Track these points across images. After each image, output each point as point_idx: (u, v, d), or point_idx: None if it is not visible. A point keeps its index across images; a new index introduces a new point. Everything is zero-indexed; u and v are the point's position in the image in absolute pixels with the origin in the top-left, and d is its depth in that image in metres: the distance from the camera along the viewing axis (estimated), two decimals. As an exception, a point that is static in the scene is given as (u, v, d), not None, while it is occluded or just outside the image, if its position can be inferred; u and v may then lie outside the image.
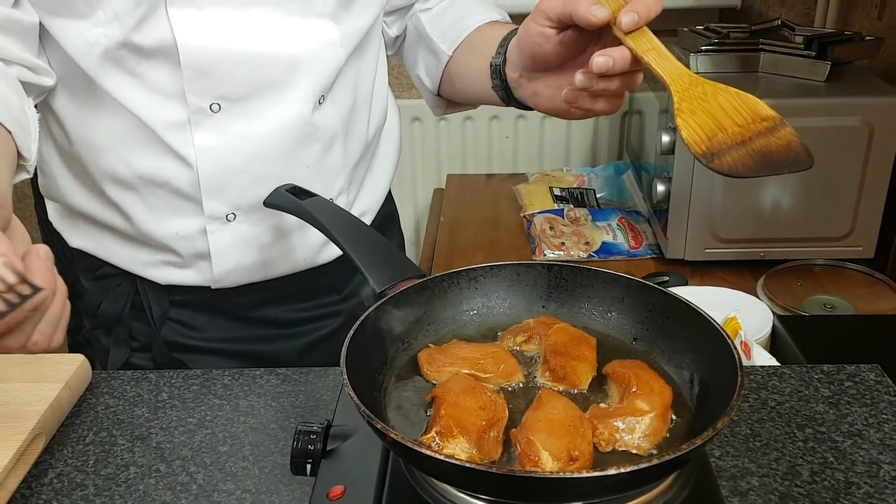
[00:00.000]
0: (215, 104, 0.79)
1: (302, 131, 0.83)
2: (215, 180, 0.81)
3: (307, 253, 0.90)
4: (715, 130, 0.61)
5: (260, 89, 0.79)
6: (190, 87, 0.77)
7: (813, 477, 0.66)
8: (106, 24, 0.74)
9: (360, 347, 0.60)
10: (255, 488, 0.67)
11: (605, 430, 0.55)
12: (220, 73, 0.77)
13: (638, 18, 0.64)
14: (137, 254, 0.87)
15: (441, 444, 0.55)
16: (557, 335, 0.65)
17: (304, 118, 0.82)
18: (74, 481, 0.69)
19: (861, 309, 1.17)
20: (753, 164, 0.59)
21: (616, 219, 1.50)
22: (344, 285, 0.97)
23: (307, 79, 0.81)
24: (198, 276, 0.87)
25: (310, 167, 0.85)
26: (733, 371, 0.55)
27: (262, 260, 0.87)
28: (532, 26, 0.72)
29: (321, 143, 0.85)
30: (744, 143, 0.60)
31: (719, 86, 0.64)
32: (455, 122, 1.90)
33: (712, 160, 0.60)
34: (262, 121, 0.81)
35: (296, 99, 0.81)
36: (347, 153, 0.89)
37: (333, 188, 0.89)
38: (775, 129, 0.61)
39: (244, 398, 0.79)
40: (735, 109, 0.62)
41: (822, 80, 1.28)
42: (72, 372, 0.78)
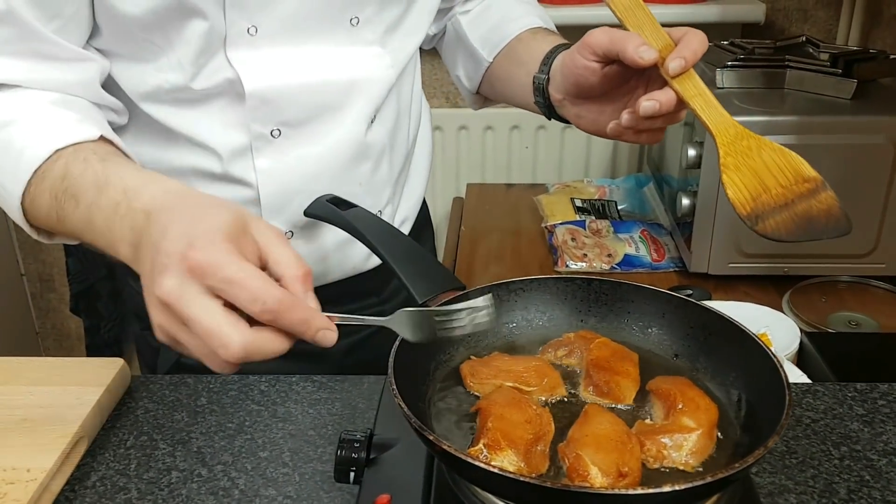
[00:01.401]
0: (276, 130, 0.80)
1: (356, 151, 0.85)
2: (275, 201, 0.83)
3: (357, 261, 0.92)
4: (759, 191, 0.62)
5: (318, 114, 0.81)
6: (252, 116, 0.79)
7: (850, 495, 0.67)
8: (168, 70, 0.76)
9: (404, 358, 0.61)
10: (297, 494, 0.68)
11: (653, 446, 0.56)
12: (281, 102, 0.79)
13: (685, 64, 0.66)
14: None
15: (489, 457, 0.56)
16: (599, 350, 0.65)
17: (359, 138, 0.84)
18: (117, 485, 0.70)
19: (885, 326, 1.17)
20: (795, 228, 0.61)
21: (638, 231, 1.51)
22: (383, 288, 0.98)
23: (362, 101, 0.83)
24: None
25: (362, 184, 0.87)
26: (780, 389, 0.55)
27: (316, 272, 0.89)
28: (577, 58, 0.73)
29: (372, 161, 0.87)
30: (786, 205, 0.61)
31: (764, 140, 0.64)
32: (475, 132, 1.91)
33: (756, 223, 0.61)
34: (320, 143, 0.83)
35: (351, 120, 0.83)
36: (392, 166, 0.91)
37: (381, 201, 0.90)
38: (817, 191, 0.62)
39: (281, 404, 0.79)
40: (779, 168, 0.63)
41: (847, 98, 1.29)
42: (112, 375, 0.78)
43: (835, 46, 1.43)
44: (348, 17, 0.80)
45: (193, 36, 0.74)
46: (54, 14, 0.71)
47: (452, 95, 1.91)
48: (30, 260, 2.16)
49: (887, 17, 1.55)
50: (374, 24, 0.82)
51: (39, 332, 2.25)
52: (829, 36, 1.74)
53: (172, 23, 0.73)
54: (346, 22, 0.80)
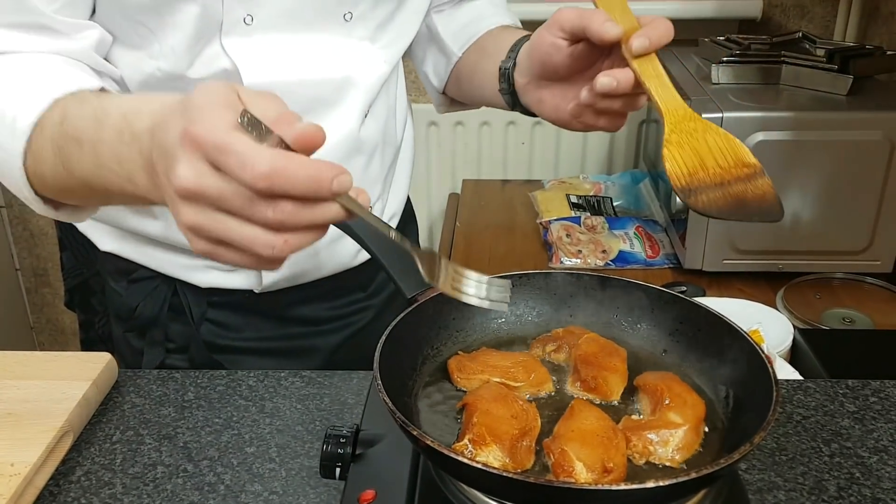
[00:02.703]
0: None
1: (350, 146, 0.84)
2: None
3: (346, 257, 0.91)
4: (697, 168, 0.63)
5: (314, 108, 0.81)
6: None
7: (840, 492, 0.66)
8: (161, 57, 0.75)
9: (391, 353, 0.61)
10: (283, 490, 0.68)
11: (639, 442, 0.55)
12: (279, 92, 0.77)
13: (648, 44, 0.66)
14: (178, 258, 0.87)
15: (474, 452, 0.55)
16: (587, 345, 0.65)
17: (353, 133, 0.84)
18: (102, 479, 0.69)
19: (879, 323, 1.17)
20: (726, 207, 0.62)
21: (633, 227, 1.50)
22: (370, 283, 0.98)
23: (356, 96, 0.83)
24: (244, 281, 0.88)
25: (354, 179, 0.85)
26: (767, 385, 0.55)
27: (304, 269, 0.89)
28: (545, 35, 0.73)
29: (365, 156, 0.87)
30: (722, 185, 0.63)
31: (711, 125, 0.66)
32: (471, 127, 1.90)
33: (689, 196, 0.63)
34: None
35: (346, 116, 0.83)
36: (384, 161, 0.91)
37: (372, 197, 0.90)
38: (754, 177, 0.63)
39: (269, 400, 0.79)
40: (721, 151, 0.64)
41: (843, 94, 1.28)
42: (99, 370, 0.78)
43: (831, 42, 1.42)
44: (342, 12, 0.80)
45: (188, 20, 0.73)
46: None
47: (448, 91, 1.90)
48: (24, 254, 2.16)
49: (885, 14, 1.54)
50: (366, 20, 0.82)
51: (34, 327, 2.25)
52: (827, 32, 1.73)
53: (168, 6, 0.72)
54: (339, 16, 0.80)
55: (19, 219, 2.08)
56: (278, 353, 0.93)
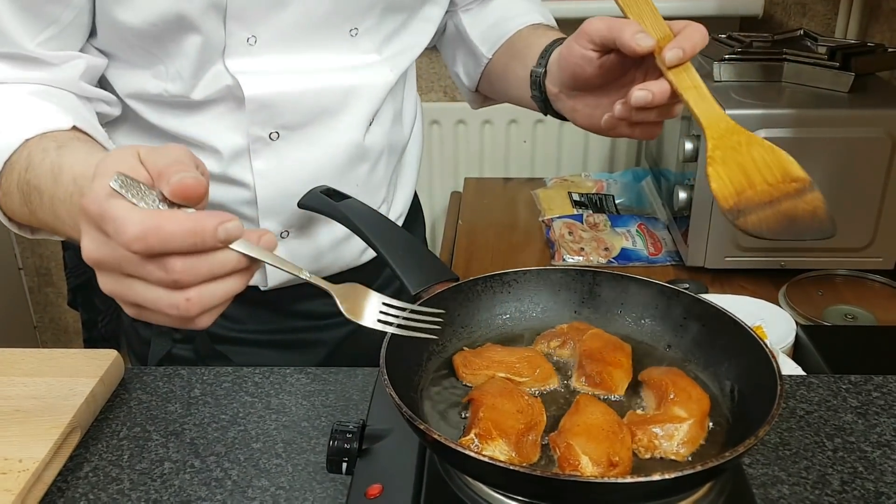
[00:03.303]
0: (274, 133, 0.80)
1: (354, 154, 0.85)
2: (272, 202, 0.83)
3: (350, 258, 0.92)
4: (744, 186, 0.60)
5: (317, 118, 0.81)
6: (251, 119, 0.79)
7: (843, 487, 0.67)
8: (167, 80, 0.76)
9: (397, 349, 0.61)
10: (290, 485, 0.68)
11: (644, 436, 0.55)
12: (280, 106, 0.79)
13: (682, 55, 0.64)
14: None
15: (480, 446, 0.55)
16: (592, 341, 0.65)
17: (357, 141, 0.84)
18: (110, 475, 0.70)
19: (881, 319, 1.17)
20: (778, 226, 0.59)
21: (635, 225, 1.51)
22: (375, 279, 0.98)
23: (360, 105, 0.83)
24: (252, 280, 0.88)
25: (359, 185, 0.87)
26: (771, 379, 0.55)
27: (312, 269, 0.89)
28: (574, 47, 0.72)
29: (370, 163, 0.87)
30: (771, 203, 0.60)
31: (754, 137, 0.63)
32: (473, 126, 1.90)
33: (738, 217, 0.60)
34: (318, 146, 0.82)
35: (349, 124, 0.83)
36: (389, 166, 0.91)
37: (377, 200, 0.90)
38: (804, 192, 0.61)
39: (275, 396, 0.79)
40: (767, 166, 0.62)
41: (845, 91, 1.28)
42: (106, 367, 0.78)
43: (833, 40, 1.43)
44: (348, 28, 0.80)
45: (192, 49, 0.74)
46: (50, 22, 0.71)
47: (450, 89, 1.91)
48: (27, 254, 2.16)
49: (886, 11, 1.55)
50: (372, 34, 0.82)
51: (37, 326, 2.25)
52: (828, 29, 1.73)
53: (171, 35, 0.73)
54: (345, 33, 0.80)
55: (22, 218, 2.09)
56: (282, 346, 0.94)
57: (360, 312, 0.60)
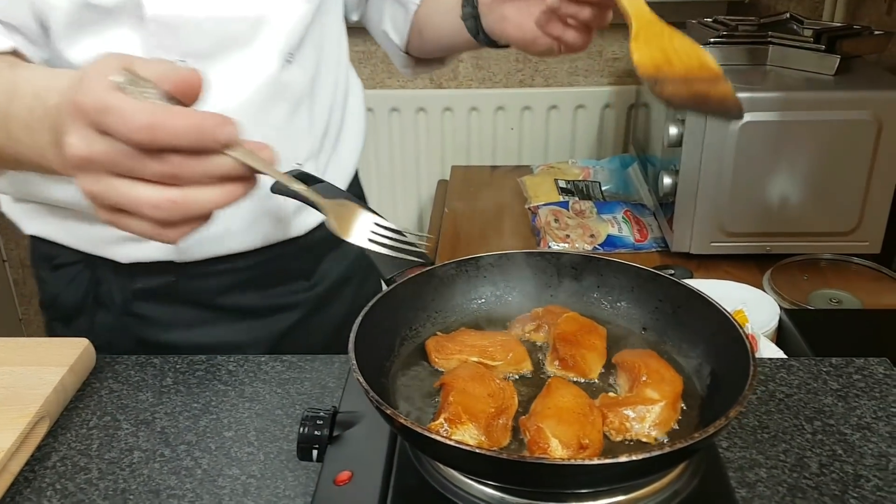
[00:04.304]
0: (181, 61, 0.77)
1: (268, 91, 0.81)
2: None
3: (278, 221, 0.88)
4: (664, 62, 0.64)
5: (225, 46, 0.78)
6: (156, 42, 0.75)
7: (821, 469, 0.66)
8: None
9: (368, 334, 0.60)
10: (261, 473, 0.67)
11: (616, 418, 0.55)
12: (184, 28, 0.76)
13: None
14: (97, 230, 0.84)
15: (450, 431, 0.55)
16: (567, 324, 0.64)
17: (271, 76, 0.81)
18: (78, 465, 0.68)
19: (867, 303, 1.17)
20: (690, 100, 0.64)
21: (621, 212, 1.50)
22: (313, 270, 0.95)
23: (273, 36, 0.80)
24: (161, 250, 0.84)
25: (277, 128, 0.84)
26: (745, 361, 0.54)
27: (229, 228, 0.85)
28: None
29: (288, 105, 0.84)
30: (686, 80, 0.64)
31: (677, 32, 0.67)
32: (460, 114, 1.89)
33: (655, 85, 0.64)
34: (229, 78, 0.79)
35: (263, 56, 0.80)
36: (313, 117, 0.88)
37: (300, 153, 0.87)
38: (717, 81, 0.64)
39: (249, 384, 0.78)
40: (686, 54, 0.65)
41: (831, 74, 1.27)
42: (76, 356, 0.77)
43: (819, 23, 1.41)
44: None
45: None
46: None
47: (436, 76, 1.89)
48: (11, 245, 2.14)
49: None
50: None
51: (22, 319, 2.24)
52: (816, 13, 1.72)
53: None
54: None
55: (6, 210, 2.07)
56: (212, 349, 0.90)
57: (349, 230, 0.58)
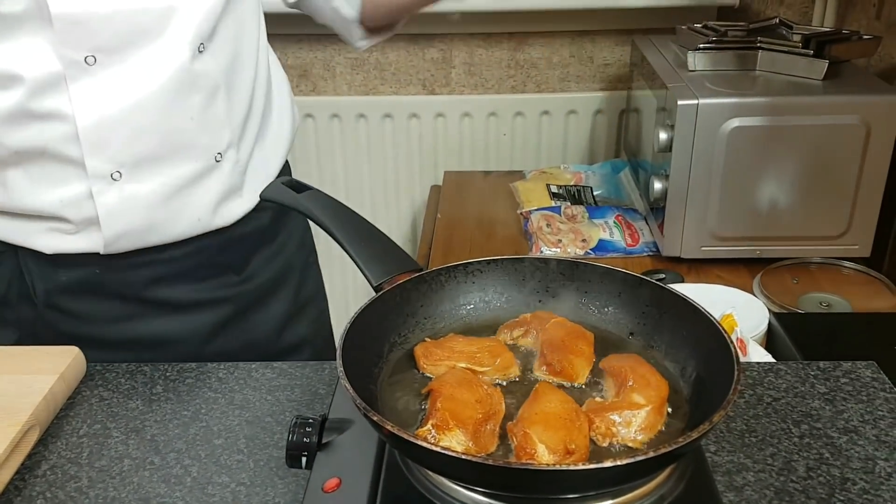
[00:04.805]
0: (90, 57, 0.77)
1: (182, 80, 0.81)
2: (96, 134, 0.79)
3: (201, 212, 0.87)
4: None
5: (135, 39, 0.78)
6: (63, 40, 0.75)
7: (809, 473, 0.66)
8: None
9: (356, 340, 0.60)
10: (250, 481, 0.67)
11: (602, 423, 0.55)
12: (91, 25, 0.76)
13: None
14: (19, 224, 0.84)
15: (437, 437, 0.55)
16: (554, 329, 0.65)
17: (183, 66, 0.81)
18: (68, 473, 0.68)
19: (857, 307, 1.17)
20: None
21: (613, 216, 1.50)
22: (243, 265, 0.95)
23: (182, 26, 0.80)
24: (87, 243, 0.84)
25: (193, 119, 0.83)
26: (730, 366, 0.55)
27: (153, 220, 0.85)
28: None
29: (203, 94, 0.83)
30: None
31: None
32: (452, 119, 1.89)
33: None
34: (141, 70, 0.79)
35: (174, 46, 0.80)
36: (232, 107, 0.87)
37: (220, 142, 0.86)
38: None
39: (239, 391, 0.78)
40: None
41: (819, 79, 1.28)
42: (66, 364, 0.77)
43: (808, 28, 1.42)
44: None
45: None
46: None
47: (429, 82, 1.90)
48: None
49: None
50: None
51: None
52: (805, 18, 1.73)
53: None
54: None
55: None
56: (137, 343, 0.90)
57: None
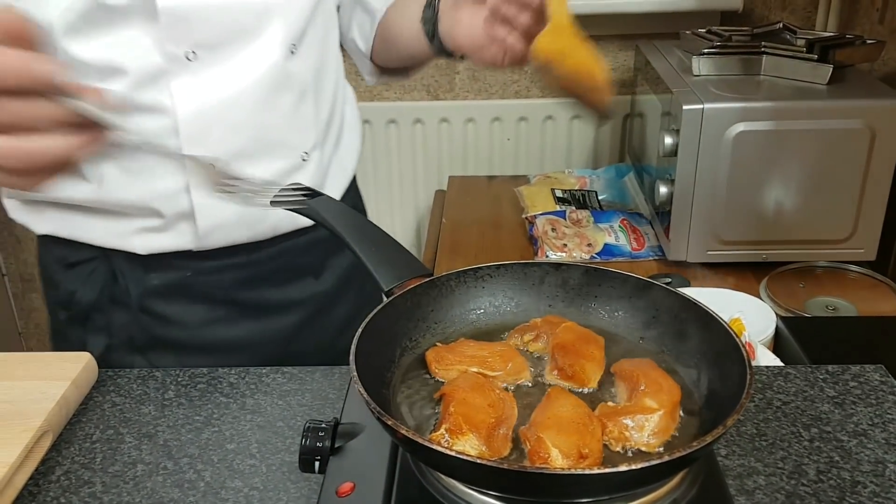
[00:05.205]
0: (191, 52, 0.79)
1: (275, 80, 0.84)
2: (194, 128, 0.81)
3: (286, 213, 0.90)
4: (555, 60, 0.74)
5: (234, 37, 0.80)
6: (166, 35, 0.77)
7: (819, 476, 0.67)
8: None
9: (368, 345, 0.61)
10: (263, 486, 0.68)
11: (615, 427, 0.55)
12: (195, 20, 0.78)
13: None
14: (113, 225, 0.86)
15: (451, 441, 0.55)
16: (565, 334, 0.65)
17: (278, 65, 0.83)
18: (82, 478, 0.69)
19: (863, 311, 1.17)
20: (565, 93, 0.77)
21: (618, 221, 1.51)
22: (321, 267, 0.98)
23: (279, 26, 0.83)
24: (179, 240, 0.86)
25: (284, 117, 0.86)
26: (742, 369, 0.55)
27: (243, 214, 0.87)
28: None
29: (294, 94, 0.86)
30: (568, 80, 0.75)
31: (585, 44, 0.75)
32: (456, 124, 1.90)
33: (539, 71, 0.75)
34: (238, 68, 0.82)
35: (269, 46, 0.82)
36: (318, 109, 0.91)
37: (307, 142, 0.89)
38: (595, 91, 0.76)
39: (251, 396, 0.79)
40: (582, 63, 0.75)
41: (824, 84, 1.29)
42: (78, 370, 0.78)
43: (811, 32, 1.43)
44: None
45: None
46: None
47: (433, 88, 1.91)
48: (11, 260, 2.15)
49: (865, 3, 1.55)
50: None
51: (22, 333, 2.24)
52: (808, 23, 1.74)
53: None
54: None
55: (4, 224, 2.07)
56: (223, 347, 0.93)
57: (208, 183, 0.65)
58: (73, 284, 0.90)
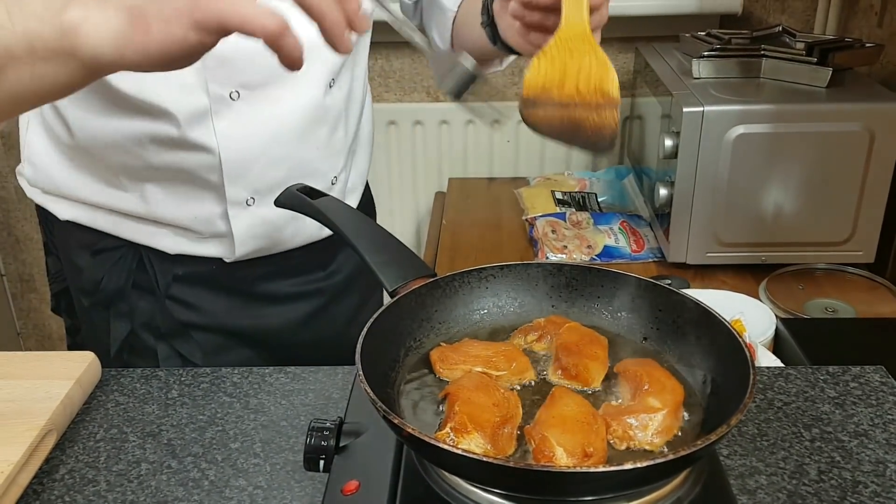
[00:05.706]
0: (235, 92, 0.81)
1: (314, 114, 0.86)
2: (237, 166, 0.84)
3: (312, 230, 0.93)
4: (553, 85, 0.66)
5: (277, 77, 0.82)
6: (211, 76, 0.79)
7: (820, 476, 0.67)
8: None
9: (373, 345, 0.61)
10: (267, 484, 0.68)
11: (619, 427, 0.56)
12: (239, 63, 0.80)
13: None
14: (145, 227, 0.88)
15: (456, 440, 0.55)
16: (569, 334, 0.65)
17: (317, 101, 0.85)
18: (86, 477, 0.69)
19: (862, 313, 1.18)
20: (559, 128, 0.66)
21: (618, 222, 1.51)
22: (330, 261, 1.00)
23: (320, 64, 0.84)
24: (213, 250, 0.90)
25: (319, 148, 0.89)
26: (745, 369, 0.55)
27: (278, 237, 0.91)
28: None
29: (329, 125, 0.89)
30: (567, 106, 0.66)
31: (598, 51, 0.68)
32: (457, 126, 1.90)
33: (527, 107, 0.66)
34: (279, 106, 0.84)
35: (310, 84, 0.84)
36: (347, 132, 0.93)
37: (336, 167, 0.92)
38: (604, 107, 0.66)
39: (254, 396, 0.79)
40: (588, 77, 0.67)
41: (823, 86, 1.29)
42: (82, 369, 0.78)
43: (811, 35, 1.44)
44: None
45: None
46: None
47: (433, 89, 1.91)
48: (9, 260, 2.14)
49: (864, 6, 1.56)
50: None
51: (21, 333, 2.24)
52: (807, 26, 1.75)
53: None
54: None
55: (4, 224, 2.07)
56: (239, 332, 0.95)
57: None
58: (100, 271, 0.91)
